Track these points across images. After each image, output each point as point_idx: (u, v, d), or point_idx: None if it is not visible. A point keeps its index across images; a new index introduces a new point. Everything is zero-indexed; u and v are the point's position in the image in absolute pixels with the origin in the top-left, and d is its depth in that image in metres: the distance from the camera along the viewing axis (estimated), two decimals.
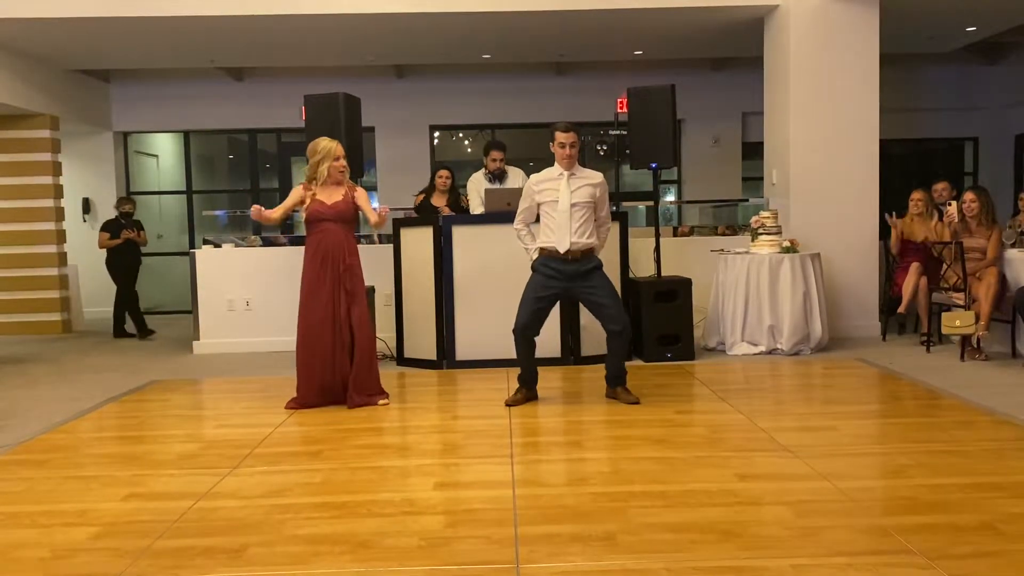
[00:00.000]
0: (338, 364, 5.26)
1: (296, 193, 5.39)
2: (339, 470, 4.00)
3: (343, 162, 5.33)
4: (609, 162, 11.59)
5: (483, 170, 7.36)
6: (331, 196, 5.31)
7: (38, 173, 9.52)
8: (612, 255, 6.47)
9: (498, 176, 7.25)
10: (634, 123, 6.93)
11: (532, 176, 5.36)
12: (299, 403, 5.30)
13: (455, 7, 7.54)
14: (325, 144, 5.32)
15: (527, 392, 5.34)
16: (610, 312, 5.15)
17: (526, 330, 5.23)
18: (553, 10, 7.63)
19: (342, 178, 5.34)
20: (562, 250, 5.10)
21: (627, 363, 6.51)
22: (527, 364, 5.32)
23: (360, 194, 5.42)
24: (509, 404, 5.23)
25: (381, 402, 5.35)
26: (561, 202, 5.12)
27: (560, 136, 5.16)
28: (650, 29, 8.53)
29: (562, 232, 5.10)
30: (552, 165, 5.26)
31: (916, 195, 7.54)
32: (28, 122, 9.40)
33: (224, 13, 7.47)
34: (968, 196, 6.77)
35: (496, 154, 7.27)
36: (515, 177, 7.27)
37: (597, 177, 5.24)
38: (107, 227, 9.07)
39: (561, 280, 5.15)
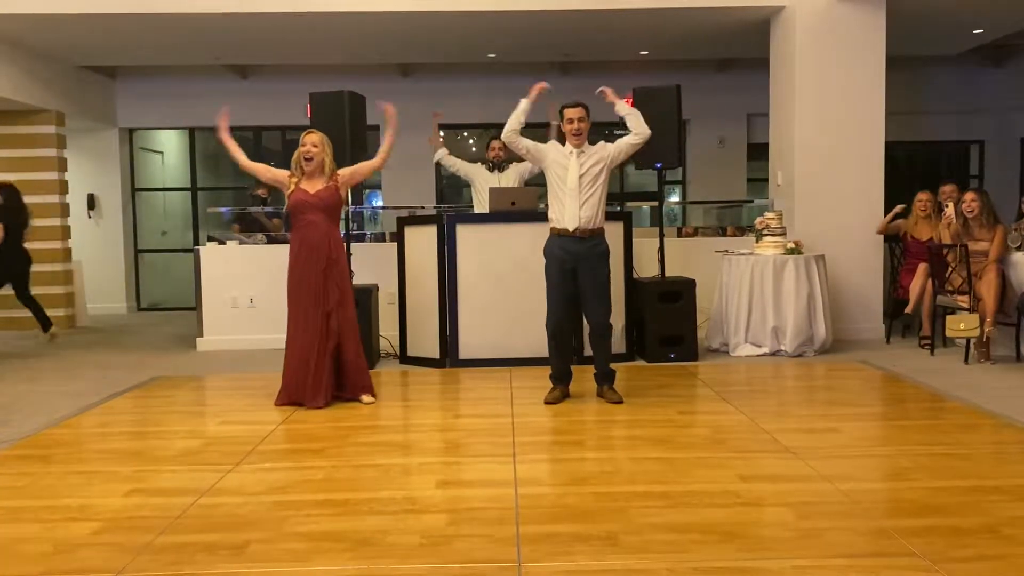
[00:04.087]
0: (326, 361, 5.22)
1: (282, 172, 5.36)
2: (341, 468, 4.00)
3: (308, 147, 5.23)
4: None
5: (484, 162, 7.46)
6: (314, 185, 5.27)
7: (43, 169, 9.54)
8: (616, 255, 6.44)
9: (498, 165, 7.34)
10: None
11: (550, 142, 5.42)
12: (286, 400, 5.28)
13: (460, 6, 7.54)
14: (302, 136, 5.33)
15: (563, 389, 5.36)
16: (591, 306, 5.22)
17: (560, 324, 5.25)
18: (559, 10, 7.62)
19: (313, 166, 5.25)
20: (571, 228, 5.13)
21: (630, 363, 6.54)
22: (559, 362, 5.33)
23: (343, 173, 5.37)
24: (548, 402, 5.24)
25: (366, 399, 5.32)
26: (569, 179, 5.15)
27: (569, 112, 5.22)
28: (656, 29, 8.52)
29: (571, 209, 5.14)
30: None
31: (922, 196, 7.54)
32: (34, 118, 9.41)
33: (230, 11, 7.47)
34: (968, 196, 6.75)
35: (496, 143, 7.36)
36: (516, 170, 7.32)
37: (603, 148, 5.30)
38: (236, 220, 9.16)
39: (571, 259, 5.17)
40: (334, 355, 5.26)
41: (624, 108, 5.42)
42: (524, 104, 5.33)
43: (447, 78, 10.87)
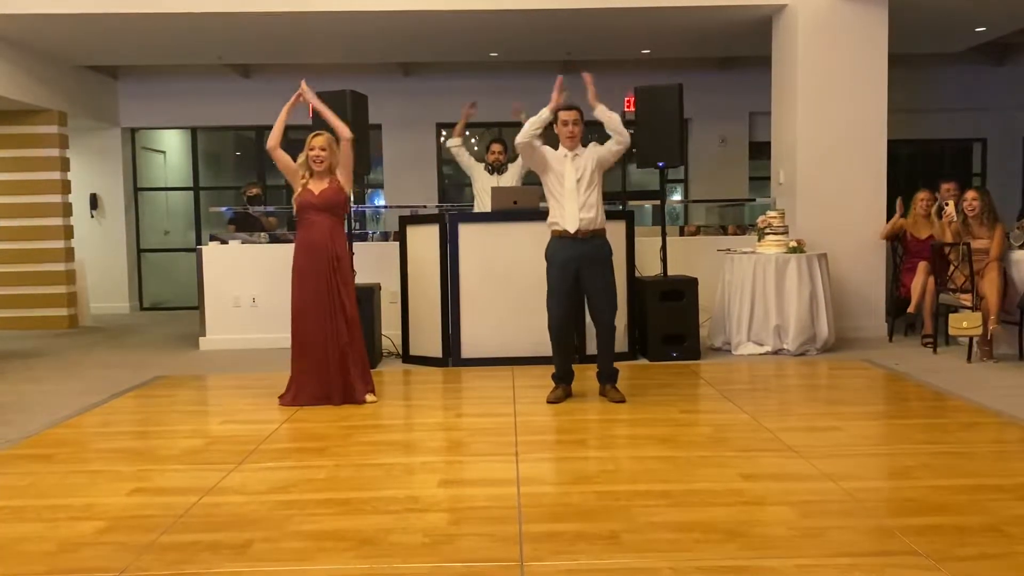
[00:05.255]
0: (333, 359, 5.25)
1: (298, 170, 5.40)
2: (344, 467, 4.00)
3: (317, 151, 5.33)
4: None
5: (484, 163, 7.50)
6: (320, 185, 5.37)
7: (46, 169, 9.55)
8: (618, 254, 6.44)
9: (497, 168, 7.38)
10: (641, 122, 6.91)
11: (545, 146, 5.33)
12: (292, 399, 5.29)
13: (462, 5, 7.54)
14: (308, 138, 5.40)
15: (565, 388, 5.36)
16: (598, 307, 5.23)
17: (563, 324, 5.27)
18: (561, 8, 7.63)
19: (322, 168, 5.35)
20: (572, 230, 5.13)
21: (632, 362, 6.54)
22: (562, 361, 5.34)
23: (340, 174, 5.42)
24: (551, 401, 5.24)
25: (369, 399, 5.33)
26: (567, 182, 5.15)
27: (563, 115, 5.21)
28: (658, 28, 8.52)
29: (571, 212, 5.13)
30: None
31: (921, 195, 7.55)
32: (36, 118, 9.42)
33: (232, 10, 7.48)
34: (969, 195, 6.76)
35: (496, 147, 7.42)
36: (515, 170, 7.35)
37: (594, 149, 5.30)
38: (232, 220, 9.17)
39: (575, 261, 5.17)
40: (344, 353, 5.28)
41: (603, 113, 5.26)
42: (546, 113, 5.20)
43: (449, 77, 10.87)
